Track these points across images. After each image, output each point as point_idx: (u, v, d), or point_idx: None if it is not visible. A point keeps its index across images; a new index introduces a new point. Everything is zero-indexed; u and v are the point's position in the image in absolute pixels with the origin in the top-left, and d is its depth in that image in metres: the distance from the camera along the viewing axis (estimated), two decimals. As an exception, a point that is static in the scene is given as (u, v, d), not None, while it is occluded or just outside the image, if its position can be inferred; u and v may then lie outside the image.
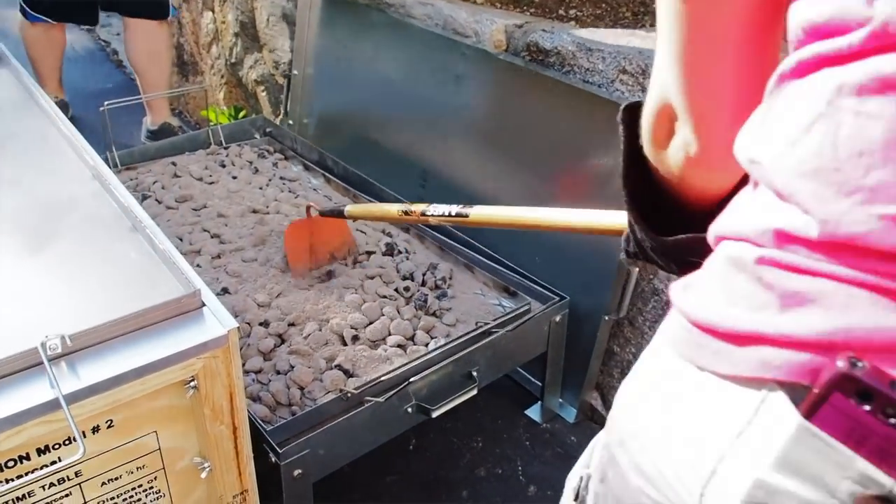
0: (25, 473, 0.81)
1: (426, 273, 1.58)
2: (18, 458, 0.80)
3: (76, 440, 0.75)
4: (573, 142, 1.52)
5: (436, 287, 1.56)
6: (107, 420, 0.85)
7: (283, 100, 2.32)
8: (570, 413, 1.64)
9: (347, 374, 1.32)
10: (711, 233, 0.50)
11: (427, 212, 1.21)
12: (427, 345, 1.41)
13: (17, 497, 0.83)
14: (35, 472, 0.81)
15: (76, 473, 0.86)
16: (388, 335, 1.42)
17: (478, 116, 1.74)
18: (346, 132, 2.20)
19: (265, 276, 1.57)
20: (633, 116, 0.61)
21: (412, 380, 1.26)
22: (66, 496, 0.86)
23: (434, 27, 1.83)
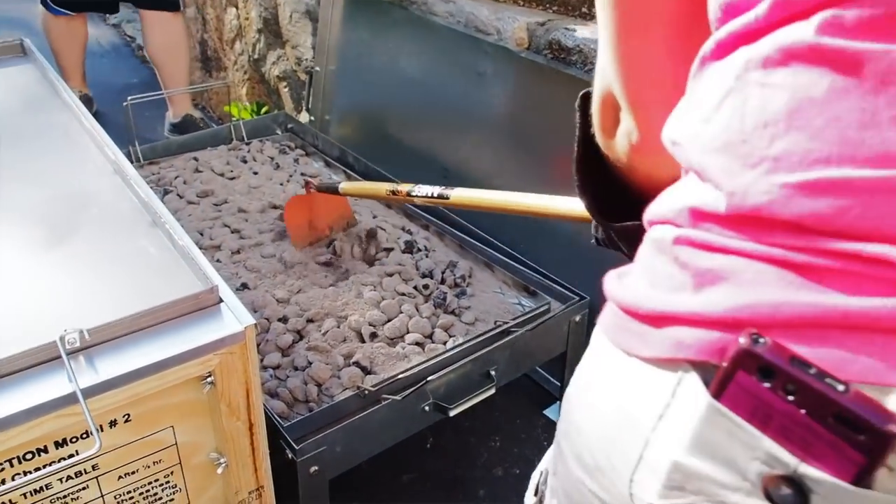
0: (43, 466, 0.81)
1: (445, 271, 1.57)
2: (36, 451, 0.81)
3: (93, 434, 0.75)
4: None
5: (455, 285, 1.55)
6: (124, 414, 0.85)
7: (305, 96, 2.32)
8: (589, 414, 1.62)
9: (365, 372, 1.32)
10: (644, 219, 0.50)
11: (412, 192, 1.27)
12: (445, 343, 1.40)
13: (35, 489, 0.83)
14: (52, 465, 0.81)
15: (93, 467, 0.86)
16: (407, 333, 1.41)
17: (499, 114, 1.73)
18: (367, 129, 2.20)
19: (284, 272, 1.57)
20: (589, 104, 0.62)
21: (430, 378, 1.26)
22: (83, 489, 0.87)
23: (456, 24, 1.83)
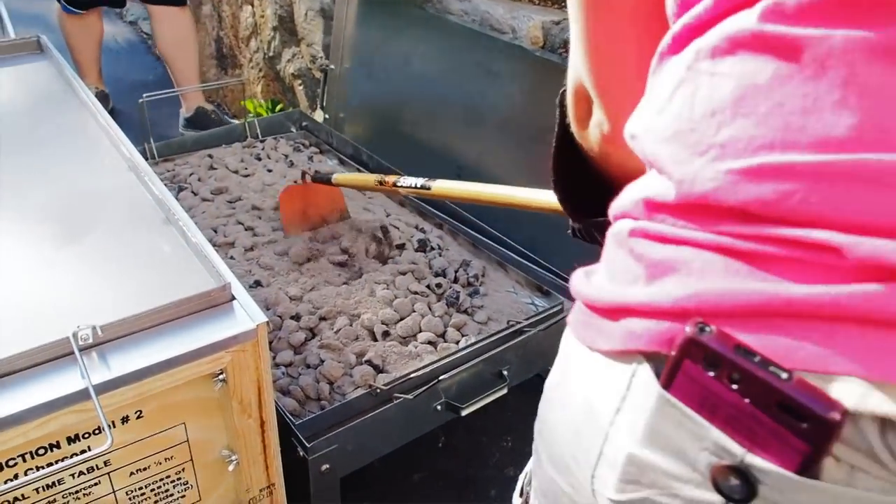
0: (55, 461, 0.82)
1: (458, 270, 1.57)
2: (49, 447, 0.81)
3: (105, 430, 0.75)
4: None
5: (468, 284, 1.55)
6: (136, 411, 0.85)
7: (320, 94, 2.33)
8: (602, 414, 1.62)
9: (377, 370, 1.32)
10: (609, 213, 0.50)
11: (398, 182, 1.34)
12: (458, 342, 1.40)
13: (48, 484, 0.84)
14: (65, 461, 0.81)
15: (105, 463, 0.86)
16: (419, 332, 1.41)
17: (513, 113, 1.72)
18: (382, 127, 2.20)
19: (297, 270, 1.57)
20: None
21: (442, 377, 1.25)
22: (95, 485, 0.87)
23: (471, 23, 1.82)
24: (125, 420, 0.85)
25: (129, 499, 0.91)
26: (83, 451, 0.83)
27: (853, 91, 0.37)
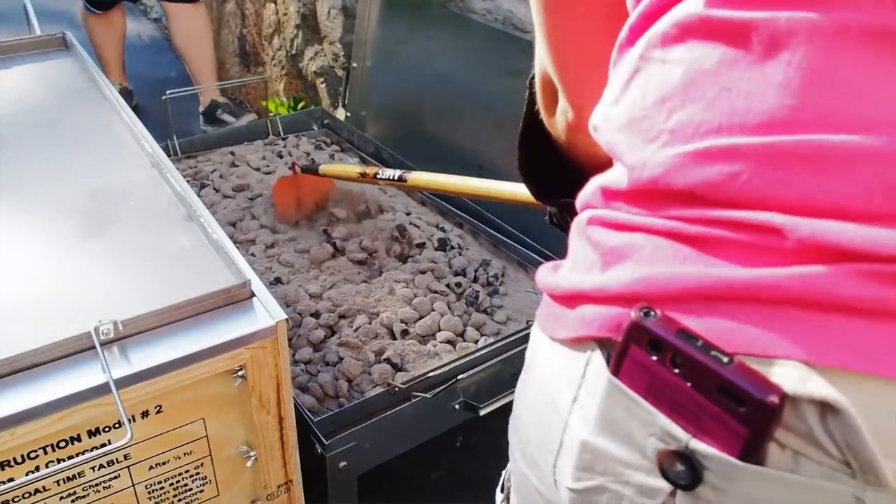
0: (76, 454, 0.82)
1: (478, 269, 1.57)
2: (70, 440, 0.82)
3: (125, 424, 0.76)
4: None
5: (488, 284, 1.55)
6: (156, 406, 0.86)
7: (342, 92, 2.33)
8: (621, 416, 1.61)
9: (396, 368, 1.32)
10: (576, 205, 0.50)
11: (378, 174, 1.43)
12: (477, 342, 1.39)
13: (68, 477, 0.84)
14: (86, 454, 0.82)
15: (125, 456, 0.87)
16: (438, 331, 1.41)
17: (535, 112, 1.72)
18: (403, 125, 2.20)
19: (317, 268, 1.58)
20: None
21: (461, 377, 1.25)
22: (115, 478, 0.88)
23: (494, 22, 1.82)
24: (145, 414, 0.85)
25: (149, 492, 0.91)
26: (103, 445, 0.83)
27: (797, 73, 0.36)
